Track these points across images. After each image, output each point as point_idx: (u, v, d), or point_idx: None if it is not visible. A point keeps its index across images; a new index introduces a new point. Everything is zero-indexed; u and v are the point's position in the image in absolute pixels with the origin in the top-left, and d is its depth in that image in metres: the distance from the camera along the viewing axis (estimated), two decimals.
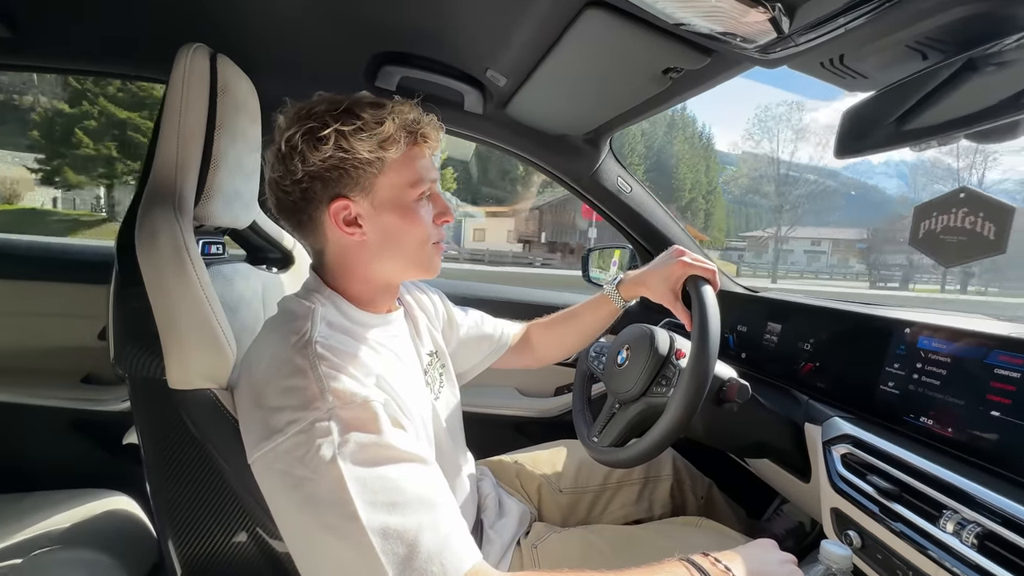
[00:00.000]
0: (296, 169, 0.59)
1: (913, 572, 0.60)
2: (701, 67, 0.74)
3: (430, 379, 0.77)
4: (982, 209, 0.57)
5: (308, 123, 0.58)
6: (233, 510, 0.62)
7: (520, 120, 1.15)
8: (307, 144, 0.58)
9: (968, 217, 0.58)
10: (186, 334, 0.57)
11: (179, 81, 0.64)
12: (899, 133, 0.63)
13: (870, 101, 0.65)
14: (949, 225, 0.60)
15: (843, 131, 0.68)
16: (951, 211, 0.60)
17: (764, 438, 0.89)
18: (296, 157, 0.58)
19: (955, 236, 0.59)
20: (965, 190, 0.59)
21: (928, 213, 0.63)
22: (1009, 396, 0.59)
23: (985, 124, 0.54)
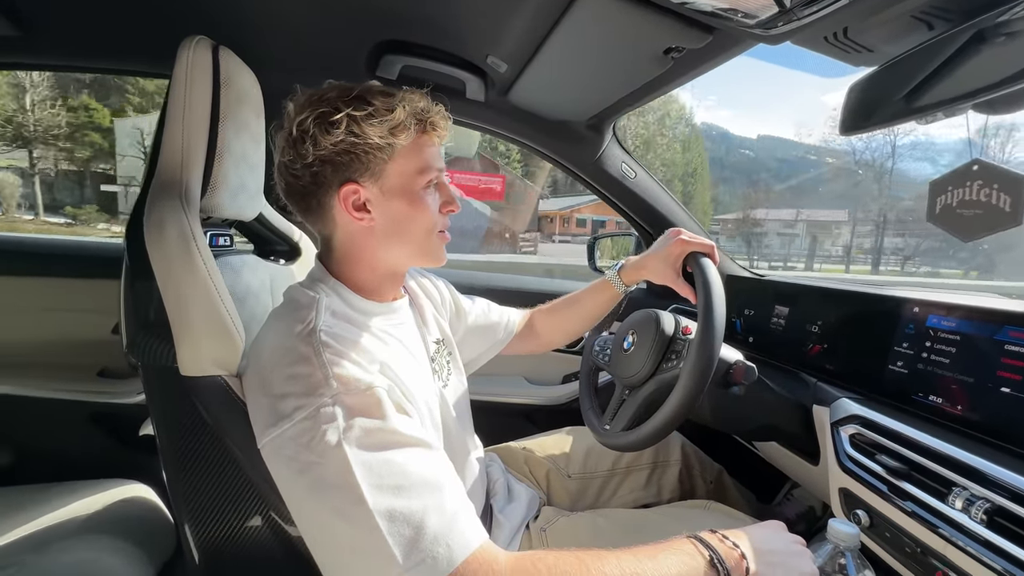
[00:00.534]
0: (307, 153, 0.59)
1: (922, 549, 0.60)
2: (703, 46, 0.73)
3: (437, 366, 0.78)
4: (995, 180, 0.56)
5: (320, 108, 0.59)
6: (247, 495, 0.64)
7: (522, 107, 1.14)
8: (319, 128, 0.58)
9: (983, 189, 0.57)
10: (195, 321, 0.58)
11: (182, 74, 0.65)
12: (906, 107, 0.62)
13: (876, 75, 0.63)
14: (965, 199, 0.59)
15: (849, 107, 0.66)
16: (966, 184, 0.59)
17: (772, 421, 0.89)
18: (307, 141, 0.59)
19: (972, 210, 0.58)
20: (977, 162, 0.58)
21: (944, 188, 0.61)
22: (1019, 372, 0.58)
23: (995, 94, 0.53)
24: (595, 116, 1.15)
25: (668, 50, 0.76)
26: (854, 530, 0.57)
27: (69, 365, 1.29)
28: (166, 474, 0.67)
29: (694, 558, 0.52)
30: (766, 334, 1.05)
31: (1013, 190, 0.54)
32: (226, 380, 0.60)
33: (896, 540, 0.64)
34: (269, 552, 0.64)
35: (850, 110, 0.66)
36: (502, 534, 0.81)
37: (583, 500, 1.02)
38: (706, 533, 0.56)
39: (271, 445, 0.52)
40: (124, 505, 0.99)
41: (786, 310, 1.01)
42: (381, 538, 0.45)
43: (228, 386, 0.60)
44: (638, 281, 0.95)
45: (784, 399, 0.87)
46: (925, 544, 0.60)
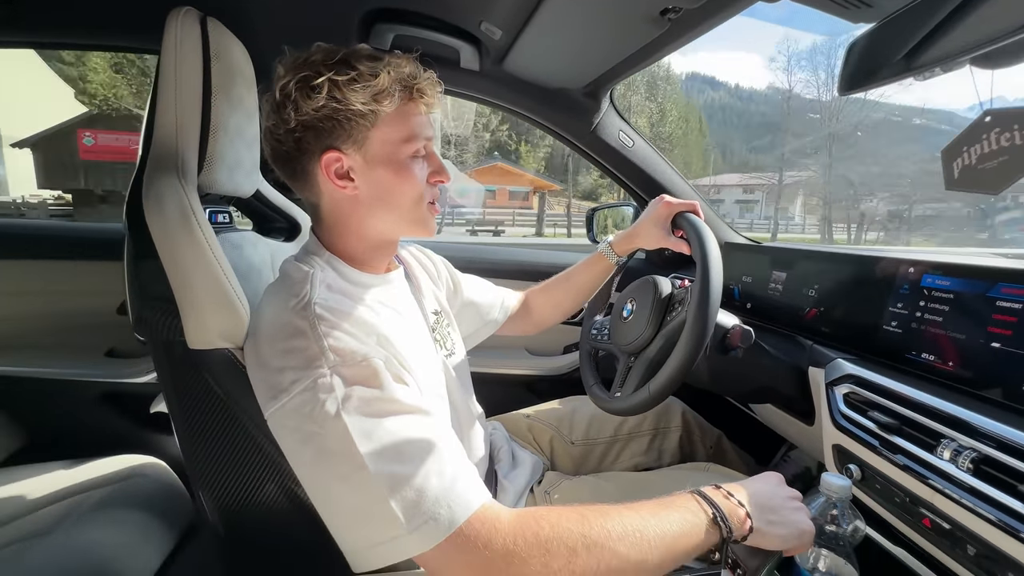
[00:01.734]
0: (289, 118, 0.59)
1: (911, 498, 0.63)
2: (700, 5, 0.71)
3: (439, 336, 0.79)
4: (1014, 122, 0.54)
5: (303, 71, 0.58)
6: (261, 462, 0.66)
7: (518, 75, 1.13)
8: (300, 92, 0.58)
9: (1003, 135, 0.55)
10: (200, 294, 0.59)
11: (171, 47, 0.64)
12: (905, 64, 0.61)
13: (875, 32, 0.62)
14: (984, 152, 0.57)
15: (848, 65, 0.66)
16: (982, 138, 0.57)
17: (768, 383, 0.90)
18: (290, 106, 0.58)
19: (995, 160, 0.56)
20: (989, 112, 0.56)
21: (958, 151, 0.60)
22: (1010, 327, 0.59)
23: (994, 45, 0.52)
24: (592, 83, 1.13)
25: (665, 11, 0.75)
26: (846, 482, 0.59)
27: (77, 346, 1.31)
28: (181, 446, 0.68)
29: (696, 515, 0.53)
30: (763, 300, 1.06)
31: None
32: (233, 352, 0.61)
33: (886, 491, 0.67)
34: (285, 515, 0.66)
35: (849, 69, 0.65)
36: (507, 498, 0.84)
37: (586, 465, 1.05)
38: (709, 489, 0.57)
39: (274, 417, 0.54)
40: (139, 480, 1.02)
41: (783, 275, 1.02)
42: (384, 502, 0.47)
43: (235, 358, 0.61)
44: (631, 251, 0.96)
45: (781, 362, 0.89)
46: (914, 494, 0.62)
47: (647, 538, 0.49)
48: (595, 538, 0.48)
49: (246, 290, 0.68)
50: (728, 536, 0.53)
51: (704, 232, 0.76)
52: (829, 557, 0.60)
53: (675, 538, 0.51)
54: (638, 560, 0.48)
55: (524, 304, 1.07)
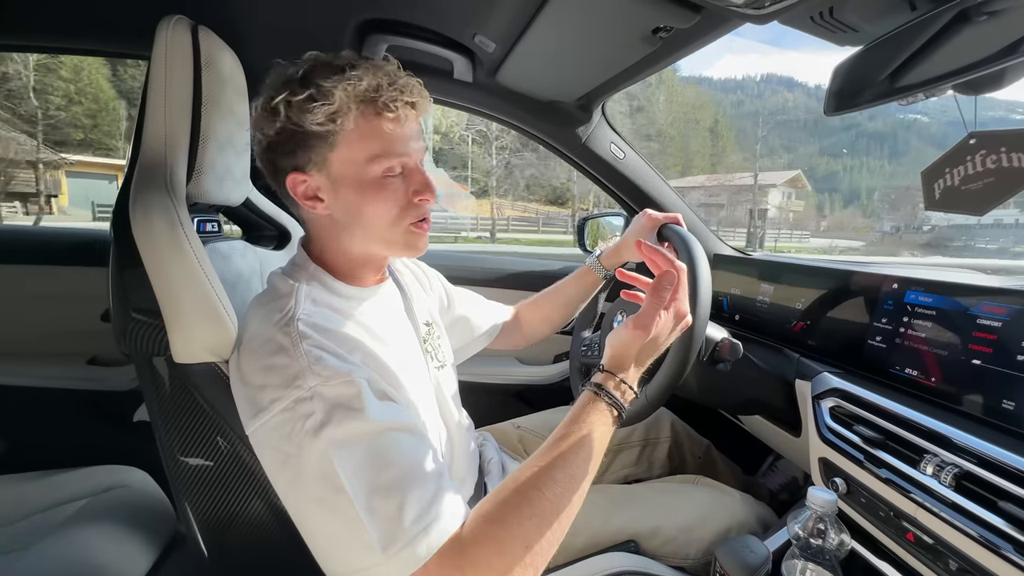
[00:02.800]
0: (260, 139, 0.59)
1: (895, 513, 0.64)
2: (691, 25, 0.72)
3: (430, 347, 0.79)
4: (1002, 144, 0.55)
5: (267, 92, 0.58)
6: (246, 477, 0.65)
7: (511, 87, 1.13)
8: (262, 114, 0.58)
9: (989, 157, 0.56)
10: (187, 309, 0.58)
11: (161, 55, 0.64)
12: (889, 87, 0.62)
13: (860, 55, 0.64)
14: (968, 174, 0.57)
15: (833, 87, 0.67)
16: (966, 160, 0.58)
17: (756, 395, 0.91)
18: (256, 128, 0.59)
19: (979, 181, 0.56)
20: (974, 135, 0.57)
21: (939, 172, 0.60)
22: (990, 344, 0.61)
23: (977, 73, 0.53)
24: (584, 96, 1.14)
25: (656, 29, 0.76)
26: (832, 497, 0.60)
27: (58, 353, 1.28)
28: (165, 460, 0.67)
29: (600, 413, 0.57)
30: (752, 312, 1.07)
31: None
32: (219, 366, 0.60)
33: (871, 505, 0.68)
34: (270, 532, 0.65)
35: (835, 90, 0.67)
36: None
37: None
38: (600, 377, 0.60)
39: (255, 436, 0.53)
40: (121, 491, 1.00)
41: (771, 288, 1.03)
42: (361, 526, 0.46)
43: (222, 372, 0.60)
44: (619, 264, 0.97)
45: (768, 374, 0.90)
46: (898, 508, 0.63)
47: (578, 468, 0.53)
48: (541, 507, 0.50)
49: (233, 300, 0.67)
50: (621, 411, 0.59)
51: (690, 240, 0.78)
52: (815, 571, 0.61)
53: (596, 448, 0.56)
54: (581, 491, 0.53)
55: (514, 318, 1.07)
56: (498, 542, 0.48)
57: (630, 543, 0.80)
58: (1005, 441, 0.55)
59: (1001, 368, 0.59)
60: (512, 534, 0.49)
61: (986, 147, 0.56)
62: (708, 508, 0.86)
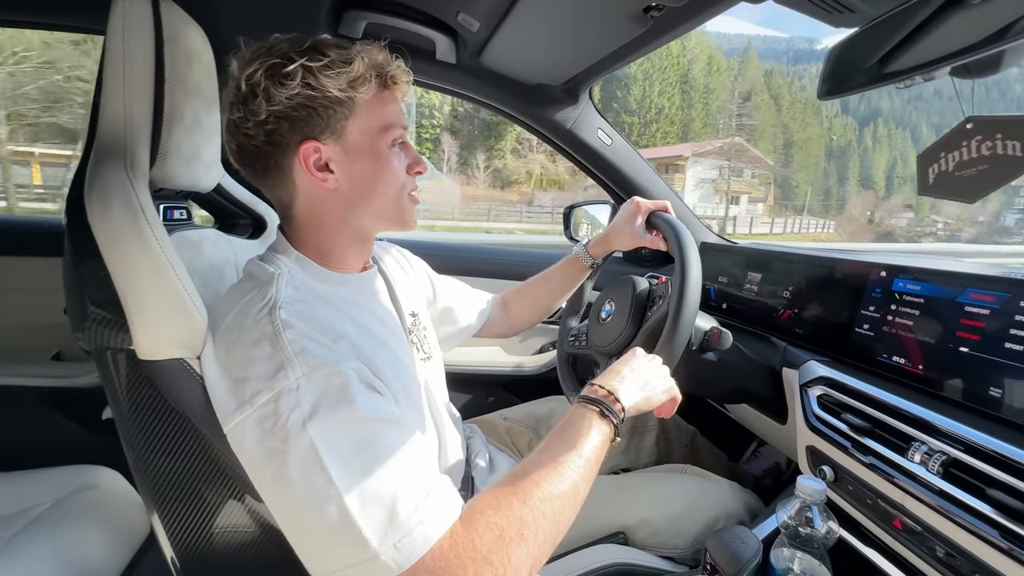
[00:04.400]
0: (259, 109, 0.55)
1: (882, 500, 0.64)
2: (683, 4, 0.70)
3: (416, 338, 0.76)
4: (998, 131, 0.54)
5: (271, 59, 0.54)
6: (219, 478, 0.62)
7: (495, 69, 1.10)
8: (271, 80, 0.54)
9: (984, 143, 0.55)
10: (151, 302, 0.54)
11: (118, 29, 0.59)
12: (884, 71, 0.61)
13: (855, 38, 0.63)
14: (963, 160, 0.57)
15: (828, 70, 0.66)
16: (961, 145, 0.57)
17: (744, 384, 0.91)
18: (259, 96, 0.54)
19: (974, 168, 0.56)
20: (971, 119, 0.56)
21: (935, 156, 0.60)
22: (977, 332, 0.61)
23: (971, 57, 0.53)
24: (571, 80, 1.11)
25: (648, 8, 0.73)
26: (820, 485, 0.60)
27: (20, 349, 1.22)
28: (131, 462, 0.64)
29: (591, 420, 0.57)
30: (739, 300, 1.07)
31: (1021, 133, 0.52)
32: (188, 362, 0.57)
33: (858, 493, 0.68)
34: (248, 535, 0.62)
35: (829, 73, 0.66)
36: None
37: None
38: (586, 388, 0.62)
39: (234, 432, 0.50)
40: (91, 492, 0.96)
41: (758, 276, 1.03)
42: (352, 522, 0.45)
43: (191, 368, 0.57)
44: (606, 253, 0.95)
45: (756, 363, 0.90)
46: (885, 495, 0.64)
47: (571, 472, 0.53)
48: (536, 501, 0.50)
49: (205, 293, 0.63)
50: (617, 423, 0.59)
51: (679, 227, 0.77)
52: (804, 559, 0.61)
53: (589, 451, 0.55)
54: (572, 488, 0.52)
55: (500, 308, 1.05)
56: (495, 527, 0.47)
57: (619, 535, 0.80)
58: (992, 428, 0.55)
59: (989, 355, 0.59)
60: (509, 521, 0.48)
61: (982, 133, 0.55)
62: (696, 498, 0.86)
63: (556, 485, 0.52)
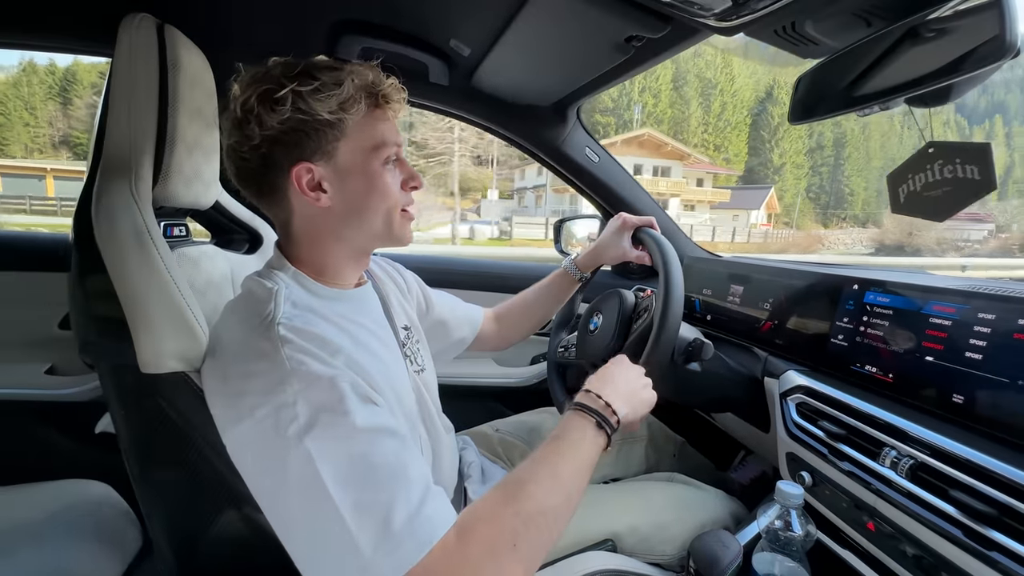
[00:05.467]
0: (254, 134, 0.57)
1: (855, 503, 0.67)
2: (661, 35, 0.75)
3: (409, 351, 0.78)
4: (957, 156, 0.58)
5: (263, 85, 0.57)
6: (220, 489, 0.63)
7: (487, 91, 1.14)
8: (263, 107, 0.56)
9: (946, 167, 0.59)
10: (155, 317, 0.56)
11: (125, 54, 0.62)
12: (847, 98, 0.66)
13: (820, 68, 0.67)
14: (929, 181, 0.61)
15: (797, 97, 0.70)
16: (926, 168, 0.61)
17: (728, 393, 0.94)
18: (252, 121, 0.57)
19: (939, 189, 0.60)
20: (932, 144, 0.60)
21: (903, 177, 0.64)
22: (941, 342, 0.64)
23: (924, 89, 0.57)
24: (560, 101, 1.16)
25: (629, 38, 0.78)
26: (799, 490, 0.63)
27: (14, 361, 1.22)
28: (131, 473, 0.65)
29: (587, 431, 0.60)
30: (723, 312, 1.10)
31: (978, 159, 0.56)
32: (189, 376, 0.59)
33: (834, 497, 0.71)
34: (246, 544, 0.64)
35: (798, 100, 0.70)
36: None
37: None
38: (581, 395, 0.64)
39: (234, 443, 0.52)
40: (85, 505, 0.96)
41: (740, 289, 1.07)
42: (348, 531, 0.46)
43: (192, 381, 0.59)
44: (594, 267, 0.99)
45: (738, 373, 0.93)
46: (859, 499, 0.66)
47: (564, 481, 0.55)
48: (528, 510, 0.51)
49: (204, 307, 0.65)
50: (611, 433, 0.61)
51: (663, 243, 0.81)
52: (784, 562, 0.63)
53: (583, 461, 0.58)
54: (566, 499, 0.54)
55: (492, 321, 1.07)
56: (487, 539, 0.49)
57: (607, 542, 0.81)
58: (956, 433, 0.58)
59: (951, 364, 0.62)
60: (501, 532, 0.49)
61: (943, 157, 0.60)
62: (683, 506, 0.88)
63: (550, 496, 0.53)
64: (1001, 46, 0.46)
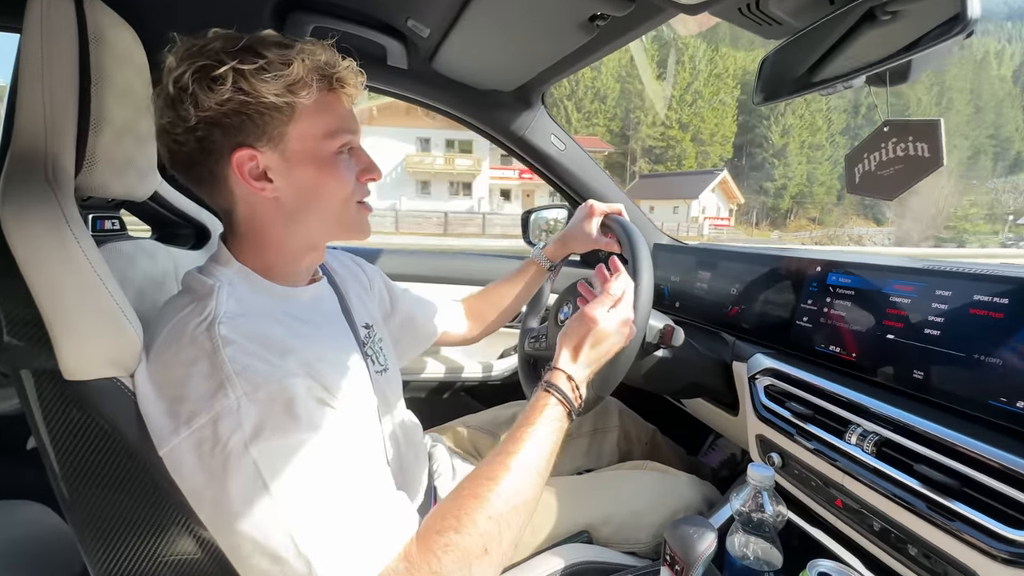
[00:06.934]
0: (188, 115, 0.51)
1: (823, 481, 0.68)
2: (626, 14, 0.73)
3: (371, 351, 0.74)
4: (910, 133, 0.59)
5: (200, 60, 0.51)
6: (159, 505, 0.57)
7: (448, 75, 1.10)
8: (199, 85, 0.50)
9: (899, 145, 0.60)
10: (78, 317, 0.50)
11: (35, 27, 0.54)
12: (810, 79, 0.66)
13: (784, 48, 0.67)
14: (883, 160, 0.62)
15: (761, 78, 0.70)
16: (880, 147, 0.62)
17: (697, 379, 0.95)
18: (187, 100, 0.51)
19: (891, 167, 0.61)
20: (888, 123, 0.61)
21: (859, 157, 0.64)
22: (901, 320, 0.66)
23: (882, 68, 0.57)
24: (523, 86, 1.13)
25: (593, 17, 0.75)
26: (769, 472, 0.63)
27: None
28: (59, 494, 0.58)
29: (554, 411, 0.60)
30: (691, 298, 1.11)
31: (928, 135, 0.57)
32: (122, 381, 0.53)
33: (803, 476, 0.72)
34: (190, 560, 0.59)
35: (763, 81, 0.70)
36: None
37: None
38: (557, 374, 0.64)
39: (172, 455, 0.48)
40: (17, 530, 0.88)
41: (708, 274, 1.07)
42: (298, 546, 0.43)
43: (125, 387, 0.53)
44: (563, 256, 0.97)
45: (708, 358, 0.94)
46: (827, 477, 0.68)
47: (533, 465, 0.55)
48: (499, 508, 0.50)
49: (142, 306, 0.59)
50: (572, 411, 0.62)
51: (632, 231, 0.80)
52: (756, 543, 0.63)
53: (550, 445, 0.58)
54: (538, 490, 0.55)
55: (460, 313, 1.04)
56: (457, 548, 0.47)
57: (582, 534, 0.80)
58: (918, 409, 0.60)
59: (911, 341, 0.64)
60: (471, 539, 0.47)
61: (897, 135, 0.60)
62: (656, 493, 0.88)
63: (522, 490, 0.52)
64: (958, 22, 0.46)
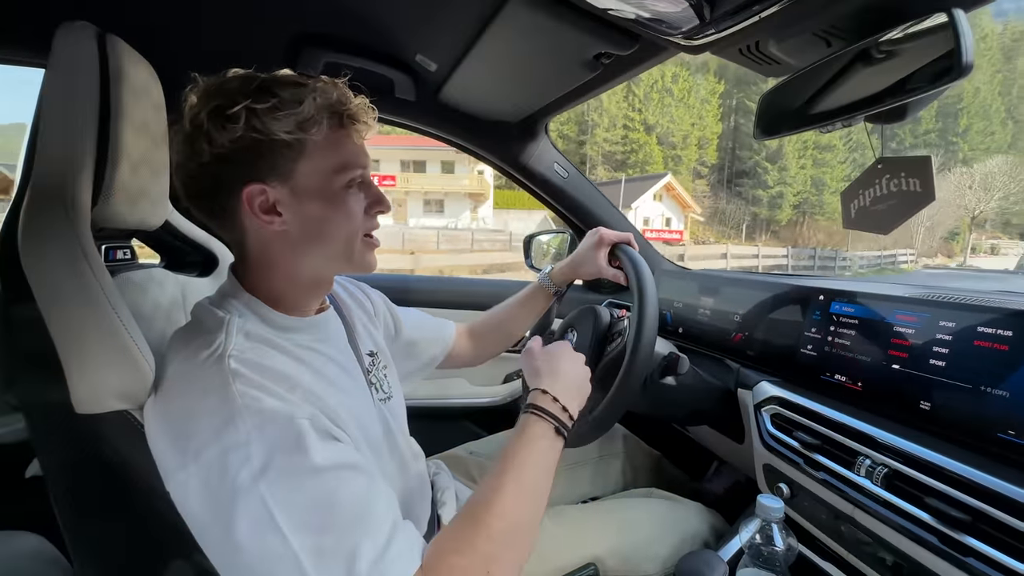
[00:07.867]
0: (203, 151, 0.53)
1: (833, 513, 0.67)
2: (629, 53, 0.75)
3: (375, 379, 0.74)
4: (902, 169, 0.61)
5: (215, 100, 0.53)
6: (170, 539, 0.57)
7: (455, 107, 1.12)
8: (214, 123, 0.52)
9: (892, 181, 0.62)
10: (92, 351, 0.51)
11: (60, 63, 0.56)
12: (808, 116, 0.68)
13: (782, 86, 0.69)
14: (877, 195, 0.64)
15: (760, 114, 0.72)
16: (875, 183, 0.64)
17: (702, 406, 0.95)
18: (202, 138, 0.53)
19: (885, 203, 0.63)
20: (881, 160, 0.64)
21: (855, 193, 0.67)
22: (906, 350, 0.66)
23: (878, 109, 0.59)
24: (528, 117, 1.16)
25: (598, 55, 0.78)
26: (779, 504, 0.62)
27: None
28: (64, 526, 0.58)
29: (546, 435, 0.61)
30: (694, 324, 1.12)
31: (920, 171, 0.60)
32: (132, 414, 0.53)
33: (813, 508, 0.71)
34: None
35: (762, 116, 0.72)
36: None
37: None
38: (536, 395, 0.65)
39: (178, 489, 0.47)
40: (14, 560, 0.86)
41: (711, 301, 1.08)
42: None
43: (135, 420, 0.53)
44: (569, 281, 0.98)
45: (712, 385, 0.94)
46: (835, 508, 0.67)
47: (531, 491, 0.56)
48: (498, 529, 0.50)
49: (151, 335, 0.60)
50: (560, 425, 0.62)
51: (640, 265, 0.80)
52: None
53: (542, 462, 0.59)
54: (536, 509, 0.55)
55: (464, 337, 1.04)
56: (461, 572, 0.47)
57: (590, 567, 0.79)
58: (927, 440, 0.60)
59: (917, 372, 0.64)
60: (474, 562, 0.48)
61: (890, 172, 0.63)
62: (662, 522, 0.87)
63: (519, 510, 0.52)
64: (955, 66, 0.48)
